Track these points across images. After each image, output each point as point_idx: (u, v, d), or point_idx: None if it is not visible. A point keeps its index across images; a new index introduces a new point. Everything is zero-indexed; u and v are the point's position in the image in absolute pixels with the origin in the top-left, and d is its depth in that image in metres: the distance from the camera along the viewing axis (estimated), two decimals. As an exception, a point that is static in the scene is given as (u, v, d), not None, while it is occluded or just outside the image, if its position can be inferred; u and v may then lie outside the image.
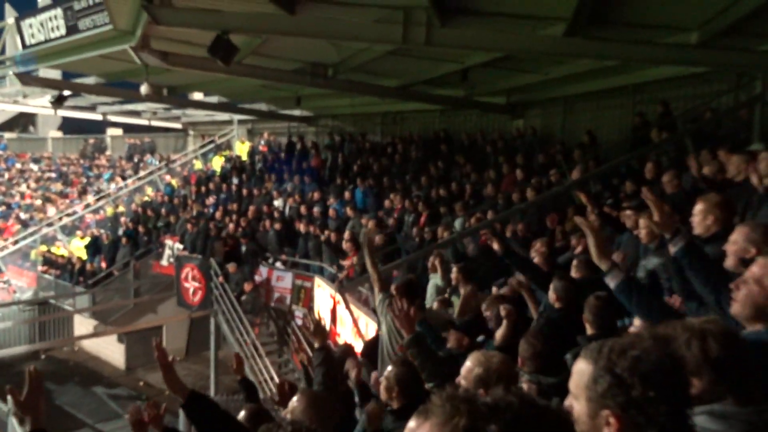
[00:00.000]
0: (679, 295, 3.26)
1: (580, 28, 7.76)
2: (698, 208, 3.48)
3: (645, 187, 3.44)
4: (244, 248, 14.14)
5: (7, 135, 31.34)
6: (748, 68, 9.18)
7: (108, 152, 28.56)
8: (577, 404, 1.53)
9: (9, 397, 2.71)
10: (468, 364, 2.92)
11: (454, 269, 6.41)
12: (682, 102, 11.30)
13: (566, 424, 1.26)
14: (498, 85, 13.50)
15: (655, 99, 11.52)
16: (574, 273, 5.00)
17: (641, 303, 2.75)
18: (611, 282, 2.83)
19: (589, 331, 3.65)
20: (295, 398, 3.73)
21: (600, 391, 1.48)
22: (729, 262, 2.83)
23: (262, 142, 21.08)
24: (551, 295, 4.31)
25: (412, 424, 1.16)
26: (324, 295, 11.64)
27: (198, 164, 23.07)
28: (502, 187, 11.38)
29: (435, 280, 7.66)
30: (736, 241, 2.85)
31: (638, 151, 9.71)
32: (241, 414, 3.55)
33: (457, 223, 10.44)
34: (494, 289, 6.23)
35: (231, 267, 13.75)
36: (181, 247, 15.66)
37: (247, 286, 13.30)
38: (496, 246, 4.78)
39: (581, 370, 1.55)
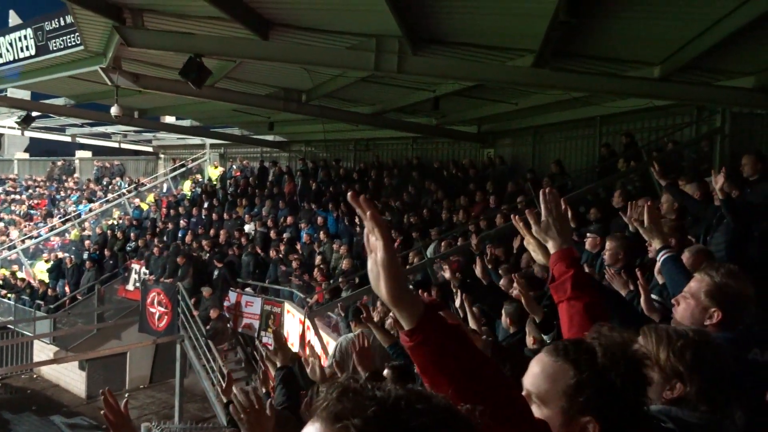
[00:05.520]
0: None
1: (547, 60, 7.98)
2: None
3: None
4: (216, 273, 13.89)
5: (-29, 156, 30.54)
6: (707, 102, 9.52)
7: (76, 175, 28.02)
8: (543, 410, 1.32)
9: None
10: None
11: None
12: (645, 134, 11.63)
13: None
14: (469, 114, 13.71)
15: (620, 130, 11.83)
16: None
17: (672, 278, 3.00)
18: (661, 256, 3.05)
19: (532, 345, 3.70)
20: None
21: (585, 397, 1.29)
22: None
23: (235, 167, 20.95)
24: (504, 319, 4.34)
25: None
26: (293, 321, 11.50)
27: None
28: (472, 214, 11.49)
29: None
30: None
31: (605, 179, 9.94)
32: None
33: (430, 250, 10.47)
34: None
35: (206, 292, 13.47)
36: (147, 271, 15.34)
37: (213, 313, 13.01)
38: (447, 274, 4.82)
39: (554, 373, 1.34)
